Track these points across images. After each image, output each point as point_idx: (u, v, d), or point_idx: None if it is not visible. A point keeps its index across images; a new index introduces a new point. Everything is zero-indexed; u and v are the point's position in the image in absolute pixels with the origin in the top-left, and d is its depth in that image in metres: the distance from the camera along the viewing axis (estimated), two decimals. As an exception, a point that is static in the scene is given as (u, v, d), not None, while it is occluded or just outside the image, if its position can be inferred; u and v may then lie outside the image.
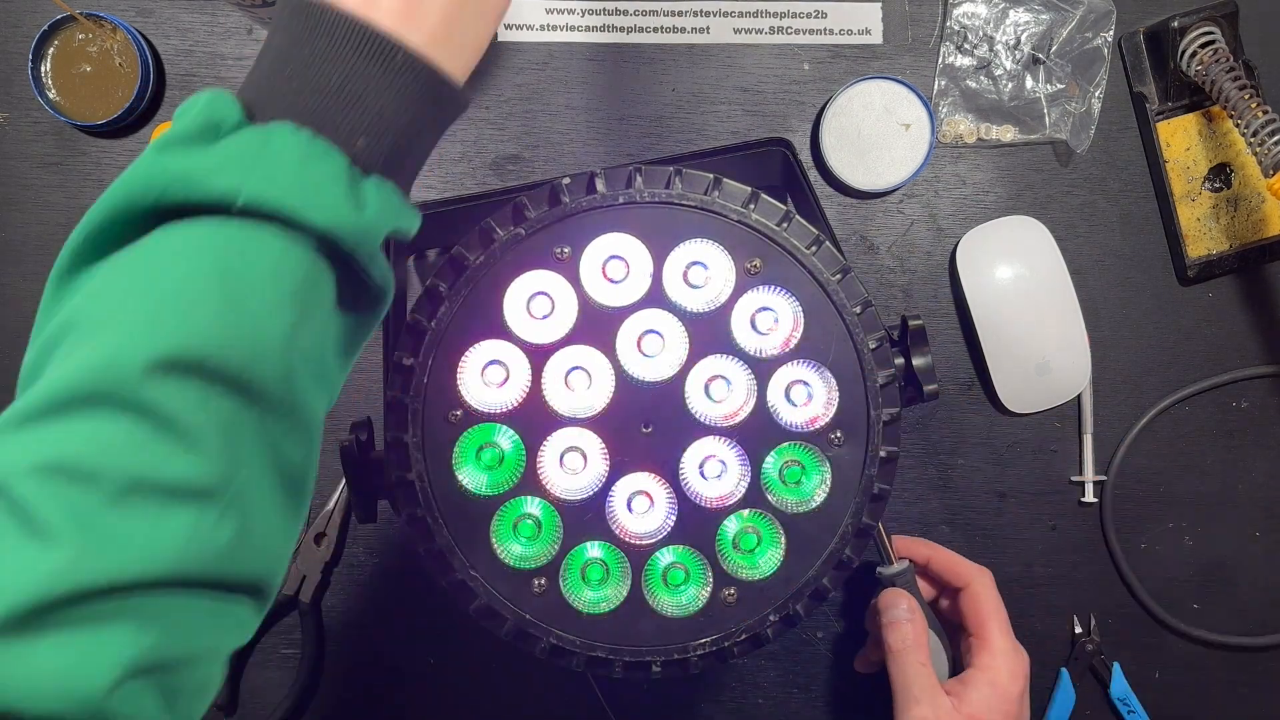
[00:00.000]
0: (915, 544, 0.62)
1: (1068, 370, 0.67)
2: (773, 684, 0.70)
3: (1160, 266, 0.70)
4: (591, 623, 0.51)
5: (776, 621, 0.51)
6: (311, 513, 0.67)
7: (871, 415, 0.51)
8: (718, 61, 0.67)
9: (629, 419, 0.51)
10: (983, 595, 0.58)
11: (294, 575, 0.67)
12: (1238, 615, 0.71)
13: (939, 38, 0.68)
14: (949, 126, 0.68)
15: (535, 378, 0.51)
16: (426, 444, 0.50)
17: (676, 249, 0.51)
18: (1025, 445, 0.70)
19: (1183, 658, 0.71)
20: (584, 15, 0.67)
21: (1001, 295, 0.66)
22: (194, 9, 0.66)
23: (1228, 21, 0.65)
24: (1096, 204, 0.69)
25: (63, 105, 0.64)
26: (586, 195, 0.51)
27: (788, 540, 0.51)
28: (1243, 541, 0.71)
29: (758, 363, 0.51)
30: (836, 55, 0.68)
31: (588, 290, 0.51)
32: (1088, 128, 0.67)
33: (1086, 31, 0.67)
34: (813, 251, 0.51)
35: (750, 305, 0.51)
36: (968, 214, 0.69)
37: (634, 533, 0.52)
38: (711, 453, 0.52)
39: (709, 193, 0.51)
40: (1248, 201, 0.68)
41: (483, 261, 0.50)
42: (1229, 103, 0.62)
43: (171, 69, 0.66)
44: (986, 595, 0.58)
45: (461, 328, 0.50)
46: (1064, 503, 0.70)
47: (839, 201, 0.68)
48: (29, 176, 0.66)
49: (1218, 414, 0.70)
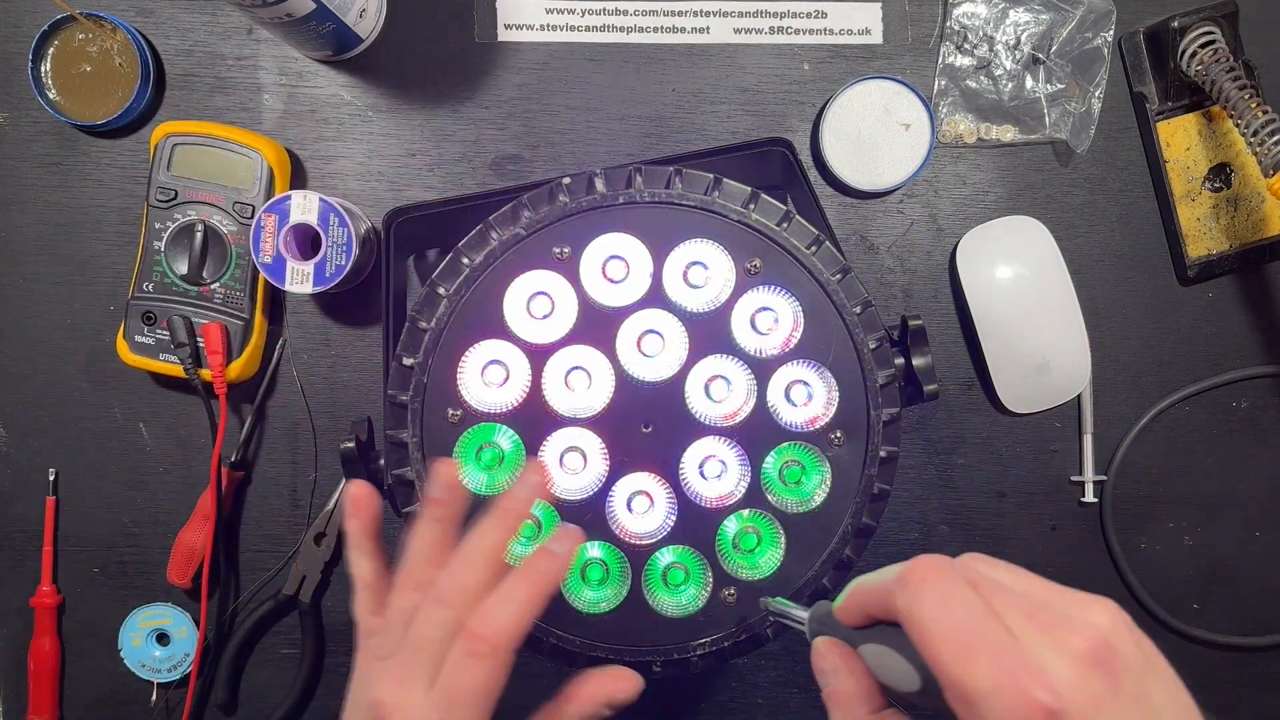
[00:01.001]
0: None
1: (1068, 370, 0.67)
2: (772, 684, 0.70)
3: (1160, 266, 0.70)
4: (591, 623, 0.51)
5: (776, 621, 0.52)
6: (311, 513, 0.68)
7: (871, 415, 0.51)
8: (718, 61, 0.67)
9: (629, 419, 0.51)
10: (915, 619, 0.33)
11: (294, 575, 0.67)
12: (1238, 615, 0.71)
13: (939, 38, 0.68)
14: (949, 126, 0.68)
15: (535, 378, 0.51)
16: (426, 444, 0.50)
17: (676, 249, 0.51)
18: (1025, 445, 0.70)
19: (1183, 658, 0.70)
20: (584, 15, 0.67)
21: (1001, 295, 0.66)
22: (194, 9, 0.66)
23: (1228, 21, 0.65)
24: (1096, 204, 0.69)
25: (63, 105, 0.64)
26: (586, 195, 0.51)
27: (788, 540, 0.51)
28: (1243, 541, 0.71)
29: (758, 363, 0.51)
30: (836, 55, 0.68)
31: (588, 290, 0.51)
32: (1088, 128, 0.67)
33: (1086, 31, 0.67)
34: (813, 251, 0.51)
35: (750, 305, 0.51)
36: (968, 214, 0.69)
37: (634, 533, 0.52)
38: (711, 453, 0.52)
39: (709, 193, 0.51)
40: (1248, 201, 0.68)
41: (483, 261, 0.50)
42: (1229, 103, 0.62)
43: (171, 69, 0.66)
44: (920, 616, 0.33)
45: (461, 328, 0.51)
46: (1064, 503, 0.70)
47: (839, 201, 0.68)
48: (29, 176, 0.66)
49: (1218, 414, 0.70)
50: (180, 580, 0.66)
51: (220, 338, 0.63)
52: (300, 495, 0.68)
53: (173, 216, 0.63)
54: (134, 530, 0.68)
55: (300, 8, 0.56)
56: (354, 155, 0.67)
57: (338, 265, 0.61)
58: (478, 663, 0.40)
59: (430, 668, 0.40)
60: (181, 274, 0.63)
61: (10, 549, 0.68)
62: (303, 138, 0.66)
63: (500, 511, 0.44)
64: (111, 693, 0.68)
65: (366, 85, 0.66)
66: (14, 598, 0.67)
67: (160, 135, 0.63)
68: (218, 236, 0.63)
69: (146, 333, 0.64)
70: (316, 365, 0.67)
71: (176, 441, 0.67)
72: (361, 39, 0.64)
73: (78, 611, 0.68)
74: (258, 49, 0.66)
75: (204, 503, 0.66)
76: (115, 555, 0.68)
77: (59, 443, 0.67)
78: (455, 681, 0.40)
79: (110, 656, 0.67)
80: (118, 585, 0.68)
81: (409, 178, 0.67)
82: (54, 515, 0.67)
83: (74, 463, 0.67)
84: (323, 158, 0.67)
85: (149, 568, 0.68)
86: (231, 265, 0.63)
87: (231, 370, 0.64)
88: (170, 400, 0.67)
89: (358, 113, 0.67)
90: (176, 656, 0.67)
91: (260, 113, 0.66)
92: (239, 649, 0.67)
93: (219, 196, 0.63)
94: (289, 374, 0.67)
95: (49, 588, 0.67)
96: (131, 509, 0.68)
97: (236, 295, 0.64)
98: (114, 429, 0.67)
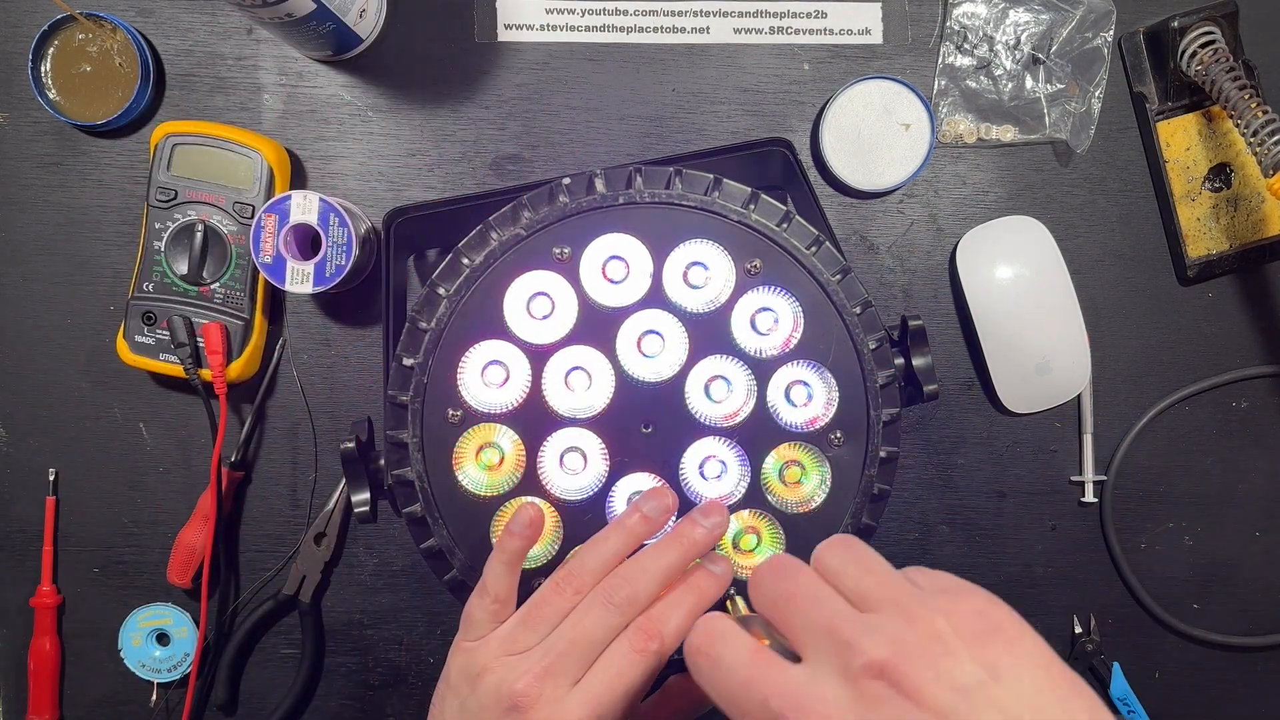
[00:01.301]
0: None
1: (1068, 370, 0.67)
2: (773, 684, 0.69)
3: (1160, 266, 0.70)
4: (591, 623, 0.51)
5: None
6: (311, 512, 0.68)
7: (871, 415, 0.51)
8: (718, 61, 0.67)
9: (629, 419, 0.51)
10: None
11: (294, 575, 0.67)
12: (1238, 615, 0.71)
13: (939, 38, 0.68)
14: (949, 126, 0.68)
15: (535, 378, 0.51)
16: (426, 444, 0.50)
17: (676, 249, 0.51)
18: (1025, 445, 0.70)
19: (1183, 658, 0.71)
20: (584, 15, 0.67)
21: (1001, 295, 0.66)
22: (194, 9, 0.66)
23: (1228, 21, 0.65)
24: (1096, 204, 0.69)
25: (63, 105, 0.64)
26: (586, 195, 0.51)
27: (788, 540, 0.51)
28: (1243, 541, 0.71)
29: (758, 363, 0.51)
30: (836, 55, 0.68)
31: (588, 290, 0.51)
32: (1088, 128, 0.67)
33: (1086, 31, 0.67)
34: (813, 252, 0.51)
35: (750, 305, 0.51)
36: (968, 214, 0.69)
37: (634, 533, 0.52)
38: (711, 453, 0.52)
39: (709, 193, 0.51)
40: (1248, 201, 0.68)
41: (483, 262, 0.50)
42: (1229, 103, 0.62)
43: (171, 69, 0.66)
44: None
45: (461, 328, 0.51)
46: (1064, 503, 0.70)
47: (839, 201, 0.68)
48: (29, 176, 0.66)
49: (1218, 414, 0.70)
50: (180, 580, 0.66)
51: (220, 338, 0.63)
52: (300, 495, 0.68)
53: (173, 216, 0.63)
54: (134, 530, 0.68)
55: (300, 8, 0.56)
56: (354, 155, 0.67)
57: (338, 265, 0.61)
58: (642, 660, 0.41)
59: (580, 668, 0.41)
60: (181, 274, 0.63)
61: (10, 549, 0.68)
62: (303, 138, 0.66)
63: (680, 538, 0.45)
64: (111, 693, 0.68)
65: (366, 85, 0.66)
66: (14, 598, 0.67)
67: (160, 135, 0.63)
68: (218, 236, 0.63)
69: (146, 333, 0.64)
70: (316, 365, 0.67)
71: (176, 441, 0.67)
72: (361, 39, 0.64)
73: (78, 611, 0.68)
74: (258, 49, 0.66)
75: (204, 503, 0.66)
76: (115, 555, 0.68)
77: (59, 443, 0.67)
78: (612, 676, 0.41)
79: (110, 656, 0.67)
80: (118, 585, 0.68)
81: (409, 178, 0.67)
82: (54, 515, 0.67)
83: (74, 463, 0.67)
84: (323, 158, 0.67)
85: (149, 568, 0.68)
86: (231, 265, 0.63)
87: (231, 370, 0.64)
88: (170, 400, 0.67)
89: (358, 113, 0.67)
90: (176, 656, 0.67)
91: (260, 113, 0.66)
92: (239, 649, 0.67)
93: (219, 196, 0.63)
94: (289, 374, 0.67)
95: (49, 588, 0.67)
96: (131, 509, 0.68)
97: (236, 295, 0.64)
98: (114, 429, 0.67)
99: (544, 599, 0.44)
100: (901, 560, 0.62)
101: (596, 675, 0.41)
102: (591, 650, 0.42)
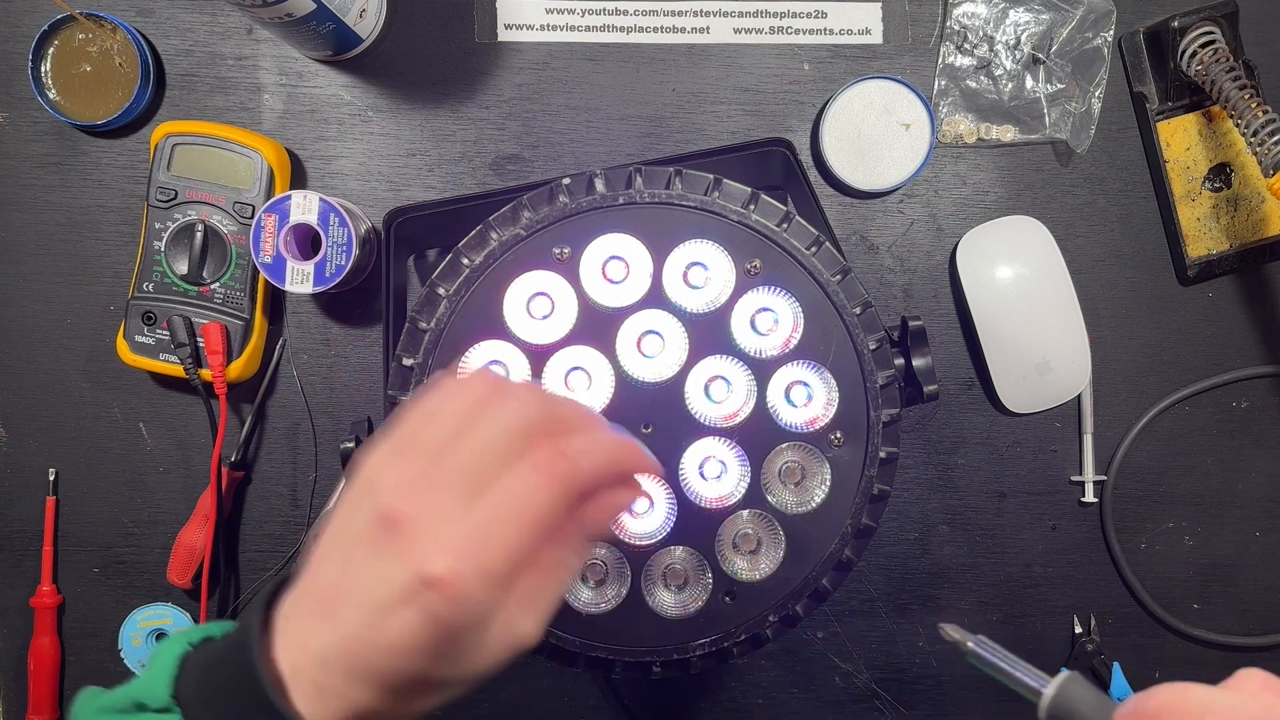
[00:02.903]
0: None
1: (1068, 370, 0.67)
2: (772, 684, 0.70)
3: (1160, 266, 0.70)
4: (591, 623, 0.51)
5: (776, 622, 0.52)
6: (311, 513, 0.68)
7: (871, 416, 0.51)
8: (718, 61, 0.67)
9: (629, 419, 0.51)
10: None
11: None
12: (1238, 615, 0.71)
13: (939, 38, 0.68)
14: (949, 126, 0.68)
15: (535, 378, 0.51)
16: (426, 444, 0.50)
17: (676, 249, 0.51)
18: (1025, 445, 0.70)
19: (1183, 658, 0.71)
20: (584, 15, 0.67)
21: (1001, 295, 0.66)
22: (194, 9, 0.66)
23: (1228, 21, 0.65)
24: (1096, 204, 0.69)
25: (63, 105, 0.64)
26: (586, 195, 0.51)
27: (787, 541, 0.51)
28: (1243, 541, 0.71)
29: (757, 363, 0.51)
30: (836, 55, 0.68)
31: (587, 291, 0.51)
32: (1088, 128, 0.67)
33: (1086, 31, 0.67)
34: (813, 252, 0.51)
35: (750, 306, 0.51)
36: (968, 214, 0.69)
37: (634, 533, 0.52)
38: (711, 453, 0.52)
39: (709, 193, 0.51)
40: (1248, 201, 0.68)
41: (483, 262, 0.50)
42: (1229, 103, 0.62)
43: (171, 69, 0.66)
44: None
45: (461, 328, 0.50)
46: (1064, 503, 0.70)
47: (839, 201, 0.68)
48: (29, 176, 0.66)
49: (1218, 414, 0.70)
50: (180, 580, 0.66)
51: (220, 338, 0.63)
52: (300, 495, 0.68)
53: (173, 216, 0.63)
54: (134, 530, 0.68)
55: (300, 8, 0.56)
56: (354, 155, 0.67)
57: (338, 265, 0.61)
58: (549, 484, 0.32)
59: (476, 483, 0.32)
60: (181, 274, 0.63)
61: (10, 549, 0.68)
62: (303, 138, 0.66)
63: (627, 447, 0.36)
64: (112, 692, 0.68)
65: (366, 85, 0.66)
66: (14, 598, 0.67)
67: (160, 135, 0.63)
68: (218, 236, 0.63)
69: (146, 333, 0.64)
70: (316, 365, 0.67)
71: (176, 441, 0.67)
72: (361, 39, 0.64)
73: (78, 611, 0.68)
74: (258, 49, 0.66)
75: (204, 503, 0.66)
76: (115, 555, 0.68)
77: (59, 443, 0.67)
78: (510, 498, 0.32)
79: (110, 656, 0.67)
80: (118, 585, 0.68)
81: (409, 178, 0.67)
82: (54, 515, 0.67)
83: (74, 463, 0.67)
84: (323, 158, 0.67)
85: (149, 568, 0.68)
86: (231, 265, 0.63)
87: (231, 370, 0.64)
88: (170, 400, 0.67)
89: (358, 113, 0.67)
90: (176, 656, 0.67)
91: (260, 113, 0.66)
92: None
93: (219, 196, 0.63)
94: (289, 374, 0.67)
95: (49, 588, 0.67)
96: (131, 509, 0.68)
97: (236, 295, 0.64)
98: (114, 429, 0.67)
99: (459, 391, 0.35)
100: (901, 560, 0.62)
101: (496, 494, 0.32)
102: (491, 462, 0.33)
